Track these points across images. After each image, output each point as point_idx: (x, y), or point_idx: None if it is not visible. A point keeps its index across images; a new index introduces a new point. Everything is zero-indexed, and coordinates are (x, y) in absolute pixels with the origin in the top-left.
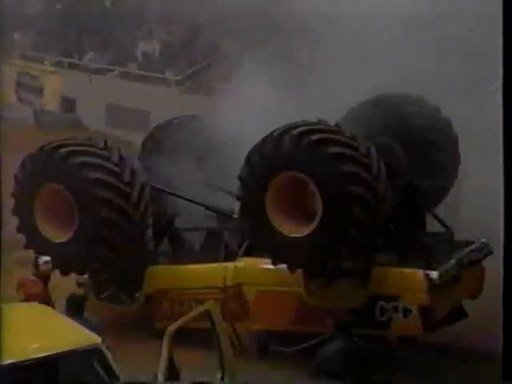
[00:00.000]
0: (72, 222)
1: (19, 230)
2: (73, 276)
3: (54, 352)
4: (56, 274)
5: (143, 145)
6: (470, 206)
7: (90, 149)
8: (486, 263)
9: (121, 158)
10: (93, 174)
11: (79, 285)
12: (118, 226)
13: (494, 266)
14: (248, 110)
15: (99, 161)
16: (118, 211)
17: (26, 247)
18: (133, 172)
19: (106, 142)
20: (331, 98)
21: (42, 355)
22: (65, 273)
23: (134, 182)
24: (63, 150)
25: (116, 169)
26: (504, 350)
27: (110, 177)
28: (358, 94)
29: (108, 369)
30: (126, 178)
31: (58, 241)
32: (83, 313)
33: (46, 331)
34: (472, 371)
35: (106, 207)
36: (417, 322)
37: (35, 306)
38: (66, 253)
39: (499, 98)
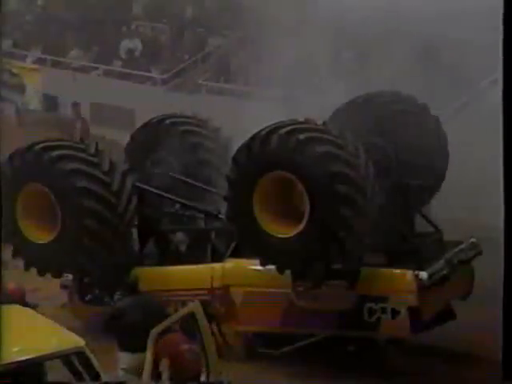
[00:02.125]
0: (54, 225)
1: (3, 238)
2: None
3: (37, 355)
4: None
5: (128, 145)
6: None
7: (81, 154)
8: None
9: (111, 164)
10: (80, 183)
11: (63, 287)
12: (102, 234)
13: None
14: None
15: (89, 169)
16: (103, 221)
17: (14, 254)
18: (123, 179)
19: (97, 146)
20: None
21: (25, 358)
22: (42, 273)
23: (123, 191)
24: (54, 153)
25: (105, 178)
26: (504, 350)
27: (99, 187)
28: None
29: (92, 371)
30: (115, 187)
31: (38, 241)
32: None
33: (29, 334)
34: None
35: (90, 216)
36: (405, 323)
37: (18, 308)
38: (46, 254)
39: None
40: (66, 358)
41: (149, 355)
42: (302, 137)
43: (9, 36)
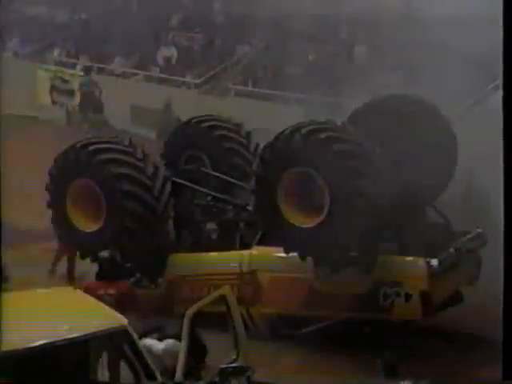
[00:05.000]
0: (99, 217)
1: (53, 221)
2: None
3: (85, 332)
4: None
5: (166, 143)
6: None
7: (129, 159)
8: None
9: (155, 168)
10: (126, 187)
11: None
12: (140, 232)
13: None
14: None
15: (135, 173)
16: (142, 221)
17: (60, 238)
18: (163, 184)
19: (143, 150)
20: None
21: (73, 336)
22: (83, 257)
23: (163, 194)
24: (105, 156)
25: (149, 182)
26: (504, 350)
27: (142, 191)
28: None
29: (134, 348)
30: (156, 192)
31: (83, 229)
32: None
33: (77, 313)
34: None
35: (131, 217)
36: (417, 306)
37: (67, 289)
38: (88, 241)
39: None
40: (110, 335)
41: (185, 334)
42: (322, 136)
43: (61, 47)
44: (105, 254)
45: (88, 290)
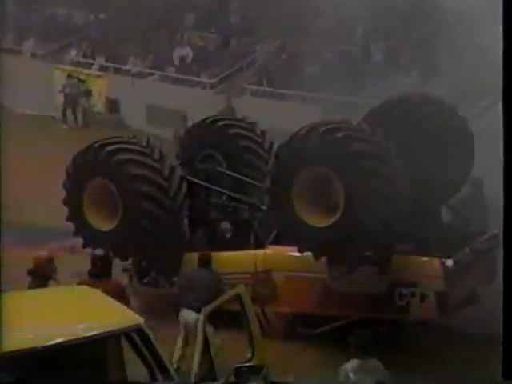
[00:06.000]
0: (115, 216)
1: (69, 219)
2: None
3: (102, 331)
4: None
5: (181, 143)
6: None
7: (146, 160)
8: None
9: (171, 169)
10: (143, 187)
11: (124, 270)
12: (155, 234)
13: None
14: None
15: (152, 174)
16: (157, 222)
17: (75, 235)
18: (179, 185)
19: (161, 151)
20: None
21: (90, 334)
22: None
23: (178, 195)
24: (123, 157)
25: (164, 183)
26: (504, 351)
27: (158, 192)
28: None
29: (150, 348)
30: (172, 192)
31: (98, 227)
32: None
33: (94, 311)
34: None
35: (147, 217)
36: (432, 306)
37: (82, 288)
38: (111, 240)
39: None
40: (126, 334)
41: (200, 333)
42: (338, 135)
43: (77, 47)
44: (99, 252)
45: None
